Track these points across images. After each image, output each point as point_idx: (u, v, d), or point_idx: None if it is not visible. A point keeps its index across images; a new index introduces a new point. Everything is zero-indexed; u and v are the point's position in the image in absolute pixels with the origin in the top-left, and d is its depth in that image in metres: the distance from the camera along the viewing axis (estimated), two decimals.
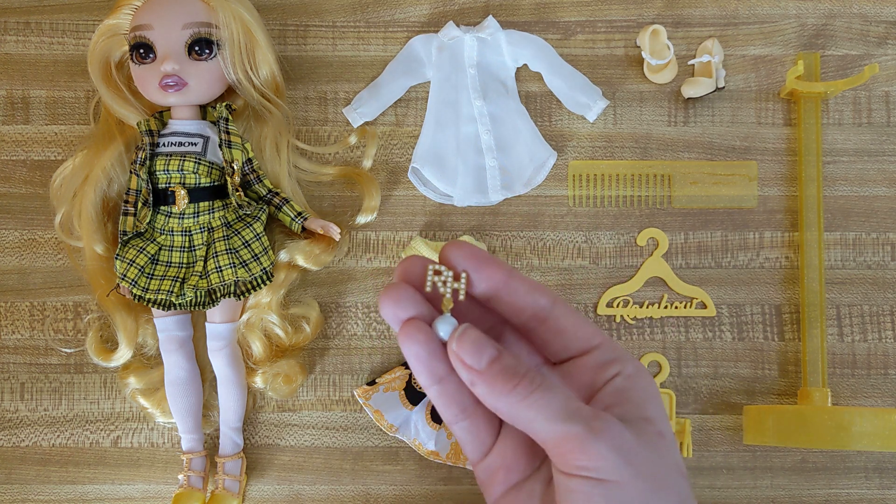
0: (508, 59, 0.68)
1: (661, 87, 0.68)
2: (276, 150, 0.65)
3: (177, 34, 0.60)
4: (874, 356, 0.66)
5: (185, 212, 0.61)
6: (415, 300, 0.29)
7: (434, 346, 0.29)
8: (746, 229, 0.67)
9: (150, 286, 0.60)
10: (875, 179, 0.68)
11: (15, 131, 0.68)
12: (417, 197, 0.68)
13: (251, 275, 0.61)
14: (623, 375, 0.29)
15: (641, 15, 0.69)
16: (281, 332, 0.65)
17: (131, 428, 0.66)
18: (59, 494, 0.66)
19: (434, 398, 0.30)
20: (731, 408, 0.66)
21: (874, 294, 0.67)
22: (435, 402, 0.30)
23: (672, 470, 0.28)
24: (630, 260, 0.67)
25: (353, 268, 0.67)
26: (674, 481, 0.28)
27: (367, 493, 0.66)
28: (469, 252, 0.29)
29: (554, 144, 0.68)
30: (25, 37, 0.69)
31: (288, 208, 0.63)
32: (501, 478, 0.30)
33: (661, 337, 0.67)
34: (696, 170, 0.68)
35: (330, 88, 0.68)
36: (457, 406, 0.30)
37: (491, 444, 0.30)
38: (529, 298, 0.29)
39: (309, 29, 0.69)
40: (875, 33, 0.68)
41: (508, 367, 0.28)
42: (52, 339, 0.67)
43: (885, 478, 0.65)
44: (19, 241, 0.67)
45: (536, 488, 0.30)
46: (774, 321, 0.67)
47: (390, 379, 0.65)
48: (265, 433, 0.66)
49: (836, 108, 0.68)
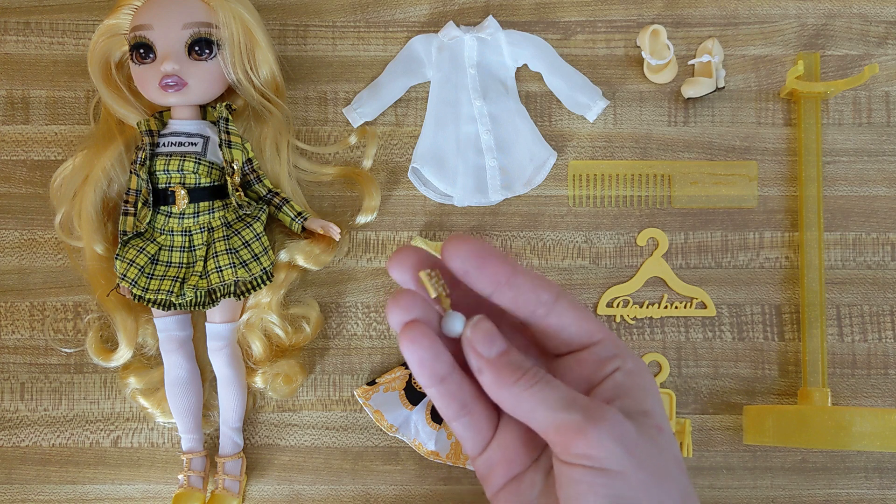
0: (508, 59, 0.68)
1: (661, 87, 0.68)
2: (276, 150, 0.65)
3: (177, 34, 0.60)
4: (874, 356, 0.66)
5: (185, 212, 0.61)
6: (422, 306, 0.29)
7: (436, 348, 0.29)
8: (746, 229, 0.67)
9: (150, 286, 0.60)
10: (875, 179, 0.68)
11: (15, 131, 0.68)
12: (417, 197, 0.68)
13: (251, 275, 0.61)
14: (623, 371, 0.30)
15: (641, 15, 0.69)
16: (281, 332, 0.65)
17: (131, 428, 0.66)
18: (59, 494, 0.66)
19: (435, 397, 0.30)
20: (731, 408, 0.66)
21: (874, 294, 0.67)
22: (435, 402, 0.30)
23: (672, 463, 0.29)
24: (630, 260, 0.67)
25: (353, 268, 0.67)
26: (675, 475, 0.29)
27: (367, 493, 0.66)
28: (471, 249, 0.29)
29: (554, 144, 0.68)
30: (25, 37, 0.69)
31: (288, 208, 0.63)
32: (502, 470, 0.31)
33: (661, 337, 0.67)
34: (696, 170, 0.68)
35: (330, 88, 0.68)
36: (457, 403, 0.30)
37: (490, 437, 0.31)
38: (533, 295, 0.29)
39: (309, 29, 0.69)
40: (875, 33, 0.68)
41: (514, 361, 0.29)
42: (52, 339, 0.67)
43: (885, 478, 0.65)
44: (19, 241, 0.67)
45: (537, 479, 0.30)
46: (774, 321, 0.67)
47: (390, 379, 0.65)
48: (265, 433, 0.66)
49: (836, 108, 0.68)
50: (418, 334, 0.28)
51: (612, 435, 0.27)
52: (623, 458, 0.27)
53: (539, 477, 0.30)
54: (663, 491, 0.28)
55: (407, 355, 0.29)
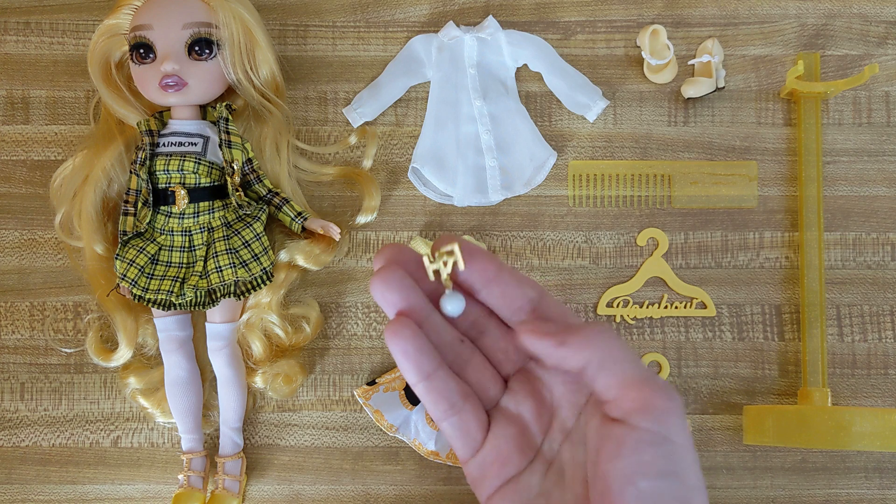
0: (508, 59, 0.68)
1: (661, 87, 0.68)
2: (276, 150, 0.65)
3: (177, 34, 0.60)
4: (874, 356, 0.66)
5: (185, 212, 0.61)
6: (406, 283, 0.29)
7: (421, 342, 0.29)
8: (746, 229, 0.67)
9: (150, 286, 0.60)
10: (875, 179, 0.68)
11: (15, 131, 0.68)
12: (417, 197, 0.68)
13: (251, 275, 0.61)
14: None
15: (641, 15, 0.69)
16: (281, 332, 0.65)
17: (131, 428, 0.66)
18: (59, 494, 0.66)
19: (422, 395, 0.30)
20: (731, 408, 0.66)
21: (874, 294, 0.67)
22: (423, 399, 0.30)
23: None
24: (630, 260, 0.67)
25: (353, 268, 0.67)
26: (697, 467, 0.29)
27: (367, 493, 0.66)
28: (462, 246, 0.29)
29: (554, 144, 0.68)
30: (25, 37, 0.69)
31: (288, 208, 0.64)
32: (495, 473, 0.30)
33: (661, 337, 0.67)
34: (696, 170, 0.68)
35: (330, 88, 0.68)
36: (446, 402, 0.30)
37: (481, 439, 0.30)
38: (518, 291, 0.30)
39: (309, 29, 0.69)
40: (875, 33, 0.68)
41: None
42: (52, 339, 0.67)
43: (885, 478, 0.65)
44: (19, 241, 0.67)
45: (533, 481, 0.30)
46: (774, 321, 0.67)
47: (390, 379, 0.65)
48: (265, 433, 0.66)
49: (836, 108, 0.68)
50: (402, 328, 0.28)
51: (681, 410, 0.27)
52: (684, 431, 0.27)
53: (536, 479, 0.30)
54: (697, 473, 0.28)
55: (392, 348, 0.29)
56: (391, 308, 0.29)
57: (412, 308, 0.29)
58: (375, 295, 0.29)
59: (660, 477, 0.26)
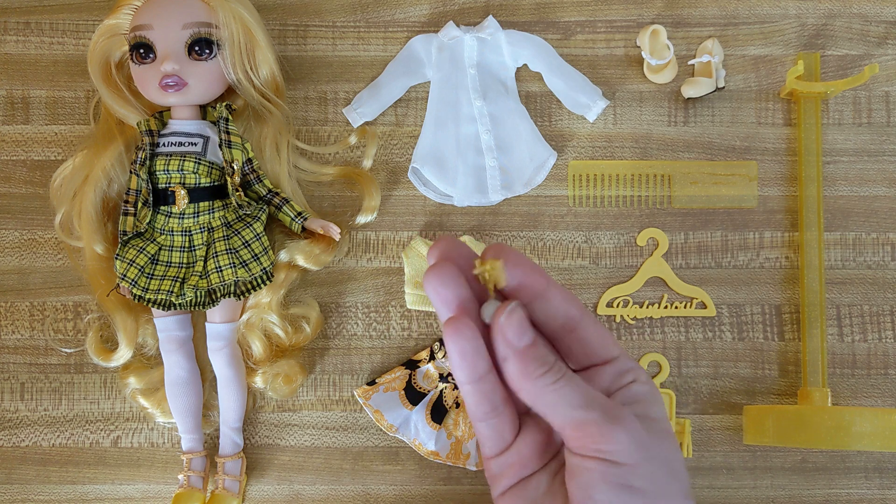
0: (508, 59, 0.68)
1: (661, 87, 0.68)
2: (276, 150, 0.66)
3: (177, 34, 0.60)
4: (874, 356, 0.66)
5: (185, 212, 0.61)
6: (460, 281, 0.30)
7: (479, 344, 0.29)
8: (746, 229, 0.67)
9: (150, 286, 0.60)
10: (875, 179, 0.68)
11: (15, 131, 0.68)
12: (417, 197, 0.68)
13: (251, 275, 0.61)
14: (638, 383, 0.32)
15: (641, 15, 0.69)
16: (281, 332, 0.65)
17: (131, 428, 0.66)
18: (59, 494, 0.66)
19: (468, 395, 0.31)
20: (731, 408, 0.66)
21: (874, 294, 0.67)
22: (467, 399, 0.31)
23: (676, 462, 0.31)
24: (630, 260, 0.67)
25: (353, 268, 0.67)
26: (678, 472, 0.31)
27: (367, 493, 0.66)
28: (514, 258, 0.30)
29: (554, 144, 0.68)
30: (25, 37, 0.69)
31: (288, 208, 0.64)
32: (513, 472, 0.32)
33: (661, 337, 0.67)
34: (696, 170, 0.68)
35: (330, 88, 0.68)
36: (489, 404, 0.31)
37: (511, 441, 0.32)
38: (563, 308, 0.31)
39: (309, 29, 0.69)
40: (875, 33, 0.68)
41: (541, 354, 0.30)
42: (52, 339, 0.67)
43: (885, 478, 0.65)
44: (19, 241, 0.67)
45: (543, 480, 0.32)
46: (774, 321, 0.67)
47: (390, 379, 0.65)
48: (265, 433, 0.66)
49: (836, 108, 0.68)
50: (464, 327, 0.29)
51: (627, 432, 0.29)
52: (635, 452, 0.29)
53: (545, 478, 0.32)
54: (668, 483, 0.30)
55: (449, 346, 0.29)
56: (444, 305, 0.30)
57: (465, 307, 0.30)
58: (429, 290, 0.30)
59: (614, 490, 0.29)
